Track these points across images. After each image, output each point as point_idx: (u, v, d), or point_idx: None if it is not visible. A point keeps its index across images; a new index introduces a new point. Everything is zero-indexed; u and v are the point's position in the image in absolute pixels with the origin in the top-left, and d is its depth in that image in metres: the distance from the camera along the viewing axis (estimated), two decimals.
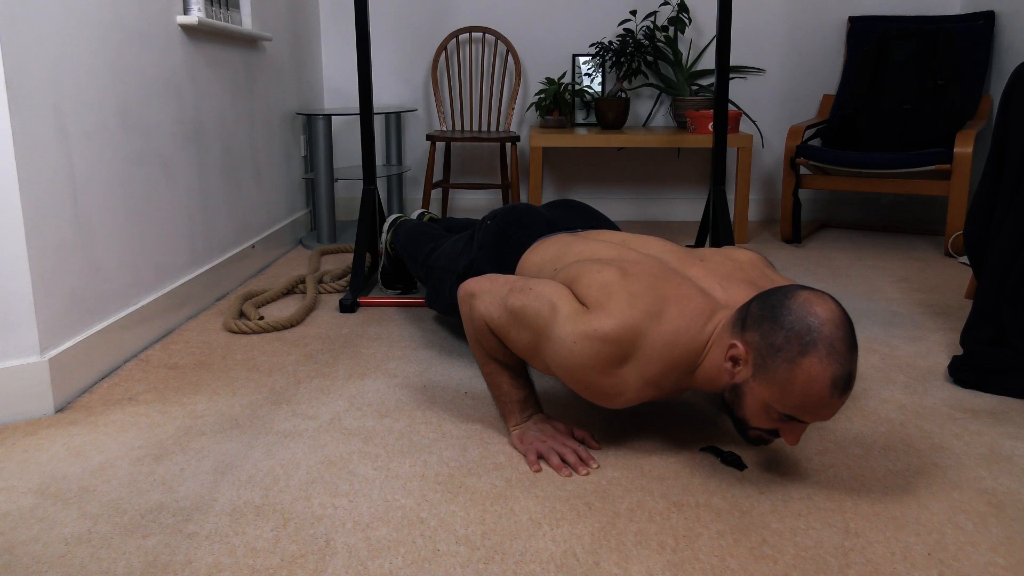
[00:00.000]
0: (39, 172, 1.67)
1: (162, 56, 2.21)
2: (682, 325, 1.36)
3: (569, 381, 1.41)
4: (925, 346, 2.08)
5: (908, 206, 3.95)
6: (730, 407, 1.34)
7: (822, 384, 1.21)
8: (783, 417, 1.27)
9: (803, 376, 1.21)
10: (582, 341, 1.35)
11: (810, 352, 1.21)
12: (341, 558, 1.18)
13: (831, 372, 1.20)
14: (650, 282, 1.41)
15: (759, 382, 1.27)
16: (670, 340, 1.35)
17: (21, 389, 1.65)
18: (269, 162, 3.12)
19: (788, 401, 1.24)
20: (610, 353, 1.35)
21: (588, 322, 1.36)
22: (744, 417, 1.32)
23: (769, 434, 1.33)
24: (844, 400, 1.24)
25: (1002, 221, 1.83)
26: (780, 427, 1.30)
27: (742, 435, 1.36)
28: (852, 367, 1.22)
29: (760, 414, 1.30)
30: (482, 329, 1.51)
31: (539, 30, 3.91)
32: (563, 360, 1.38)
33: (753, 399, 1.29)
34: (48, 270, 1.70)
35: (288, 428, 1.62)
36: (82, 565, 1.16)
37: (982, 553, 1.18)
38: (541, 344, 1.42)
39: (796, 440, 1.30)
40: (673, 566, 1.15)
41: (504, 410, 1.55)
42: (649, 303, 1.37)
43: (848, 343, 1.22)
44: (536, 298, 1.44)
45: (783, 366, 1.23)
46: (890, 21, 3.66)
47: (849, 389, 1.23)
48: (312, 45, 3.80)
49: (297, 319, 2.29)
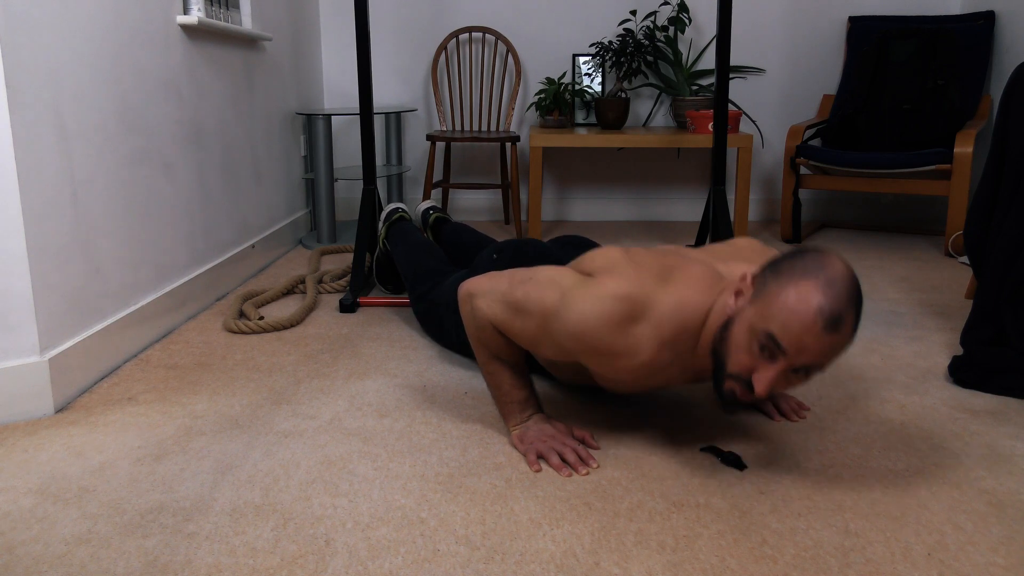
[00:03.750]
0: (39, 172, 1.67)
1: (162, 56, 2.21)
2: (688, 290, 1.35)
3: (583, 351, 1.37)
4: (925, 346, 2.08)
5: (908, 206, 3.94)
6: (716, 348, 1.30)
7: (809, 307, 1.17)
8: (763, 345, 1.22)
9: (794, 294, 1.19)
10: (592, 302, 1.34)
11: (809, 278, 1.19)
12: (341, 558, 1.18)
13: (821, 300, 1.17)
14: (655, 257, 1.42)
15: (752, 305, 1.24)
16: (679, 301, 1.34)
17: (21, 389, 1.65)
18: (269, 162, 3.12)
19: (772, 316, 1.20)
20: (622, 311, 1.33)
21: (596, 285, 1.36)
22: (725, 354, 1.28)
23: (744, 386, 1.26)
24: (829, 341, 1.18)
25: (1002, 221, 1.83)
26: (757, 366, 1.24)
27: (718, 391, 1.31)
28: (845, 312, 1.18)
29: (742, 344, 1.25)
30: (485, 328, 1.51)
31: (539, 30, 3.91)
32: (574, 328, 1.35)
33: (740, 326, 1.25)
34: (48, 270, 1.70)
35: (288, 428, 1.62)
36: (82, 565, 1.16)
37: (982, 553, 1.18)
38: (549, 324, 1.39)
39: (765, 387, 1.22)
40: (673, 566, 1.15)
41: (504, 410, 1.55)
42: (655, 270, 1.37)
43: (850, 293, 1.19)
44: (537, 284, 1.44)
45: (779, 283, 1.22)
46: (890, 21, 3.66)
47: (836, 330, 1.17)
48: (312, 45, 3.80)
49: (297, 319, 2.29)
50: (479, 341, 1.53)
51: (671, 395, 1.77)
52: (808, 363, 1.21)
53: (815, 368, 1.22)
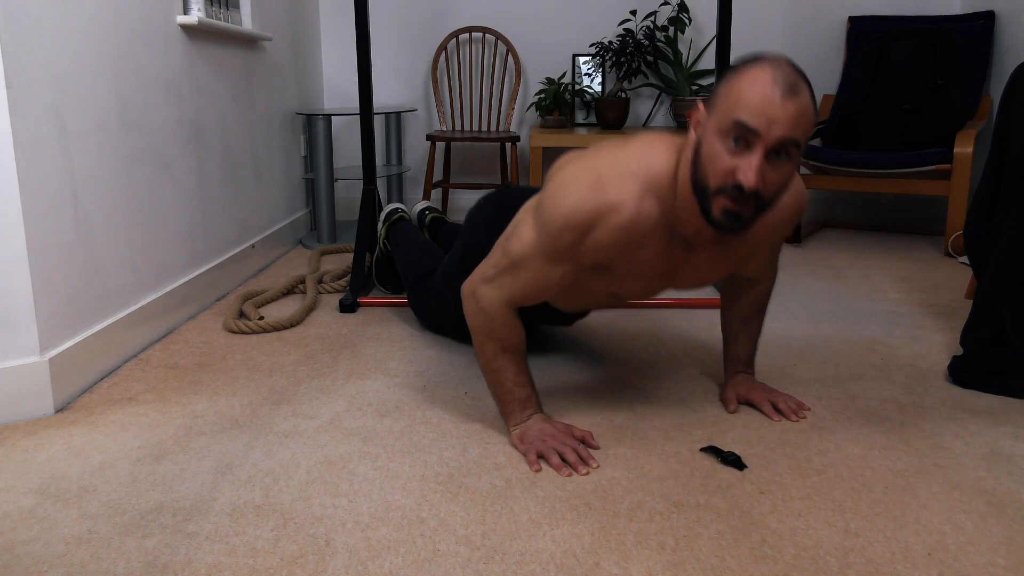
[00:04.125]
0: (39, 172, 1.67)
1: (162, 56, 2.21)
2: (645, 144, 1.40)
3: (580, 241, 1.38)
4: (925, 346, 2.08)
5: (908, 206, 3.94)
6: (696, 179, 1.30)
7: (764, 79, 1.21)
8: (736, 137, 1.23)
9: (746, 78, 1.23)
10: (560, 190, 1.38)
11: (752, 65, 1.25)
12: (341, 558, 1.18)
13: (772, 73, 1.22)
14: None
15: (711, 118, 1.27)
16: (641, 152, 1.38)
17: (21, 389, 1.65)
18: (269, 162, 3.12)
19: (733, 105, 1.23)
20: (589, 177, 1.36)
21: (556, 181, 1.41)
22: (704, 175, 1.27)
23: (733, 192, 1.25)
24: (793, 107, 1.20)
25: (1002, 221, 1.83)
26: (738, 163, 1.24)
27: (708, 214, 1.29)
28: (796, 79, 1.22)
29: (716, 152, 1.25)
30: (495, 315, 1.48)
31: (539, 30, 3.91)
32: (560, 219, 1.36)
33: (708, 140, 1.27)
34: (48, 270, 1.70)
35: (288, 428, 1.62)
36: (82, 565, 1.16)
37: (982, 553, 1.18)
38: (542, 245, 1.41)
39: (754, 174, 1.22)
40: (673, 566, 1.15)
41: (505, 408, 1.55)
42: (607, 147, 1.44)
43: (795, 67, 1.24)
44: (513, 232, 1.47)
45: (727, 82, 1.26)
46: (890, 21, 3.66)
47: (795, 94, 1.20)
48: (312, 45, 3.80)
49: (297, 319, 2.29)
50: (488, 335, 1.51)
51: (671, 395, 1.77)
52: (782, 136, 1.21)
53: (791, 144, 1.22)
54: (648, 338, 2.16)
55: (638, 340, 2.14)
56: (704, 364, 1.96)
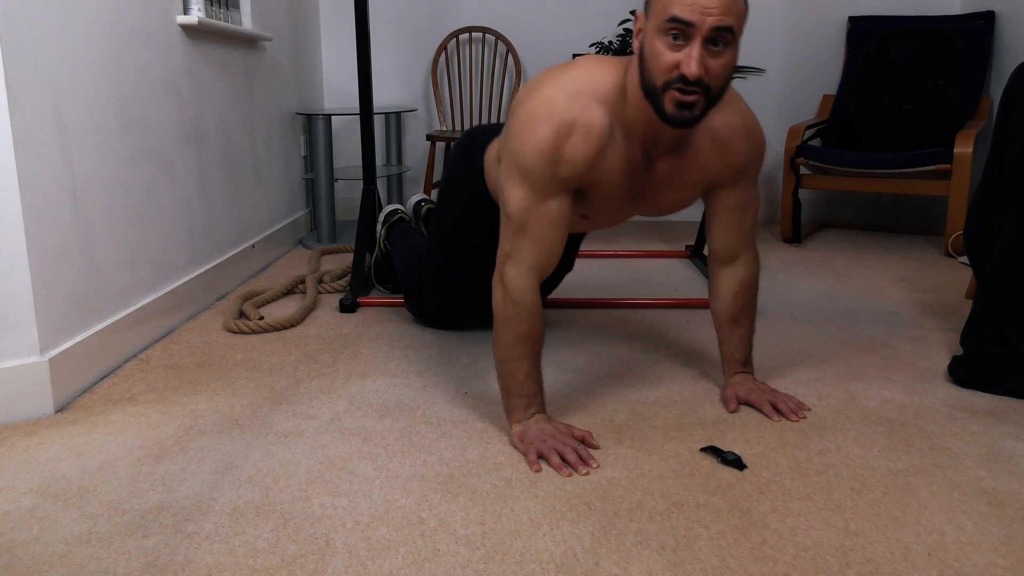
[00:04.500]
0: (39, 172, 1.67)
1: (162, 56, 2.21)
2: (592, 65, 1.49)
3: (557, 164, 1.45)
4: (925, 346, 2.08)
5: (908, 206, 3.94)
6: (644, 81, 1.38)
7: None
8: (673, 33, 1.31)
9: None
10: (523, 126, 1.46)
11: None
12: (341, 558, 1.18)
13: None
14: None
15: (649, 19, 1.36)
16: (588, 71, 1.48)
17: (21, 389, 1.65)
18: (269, 162, 3.12)
19: (664, 4, 1.31)
20: (543, 104, 1.45)
21: (516, 115, 1.49)
22: (651, 74, 1.36)
23: (680, 82, 1.34)
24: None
25: (1002, 221, 1.83)
26: (678, 59, 1.32)
27: (664, 117, 1.38)
28: None
29: (657, 50, 1.34)
30: (523, 296, 1.50)
31: (539, 30, 3.91)
32: (522, 146, 1.45)
33: (650, 40, 1.35)
34: (48, 270, 1.70)
35: (288, 428, 1.62)
36: (82, 565, 1.16)
37: (982, 553, 1.18)
38: (525, 183, 1.47)
39: (695, 63, 1.31)
40: (673, 566, 1.15)
41: (511, 403, 1.55)
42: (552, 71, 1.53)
43: None
44: (505, 196, 1.50)
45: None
46: (890, 21, 3.66)
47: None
48: (312, 45, 3.80)
49: (297, 319, 2.29)
50: (513, 322, 1.51)
51: (671, 395, 1.77)
52: (715, 24, 1.30)
53: (727, 31, 1.31)
54: (648, 338, 2.16)
55: (638, 340, 2.14)
56: (704, 364, 1.96)
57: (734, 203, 1.66)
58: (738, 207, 1.67)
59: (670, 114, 1.37)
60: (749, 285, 1.73)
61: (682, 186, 1.60)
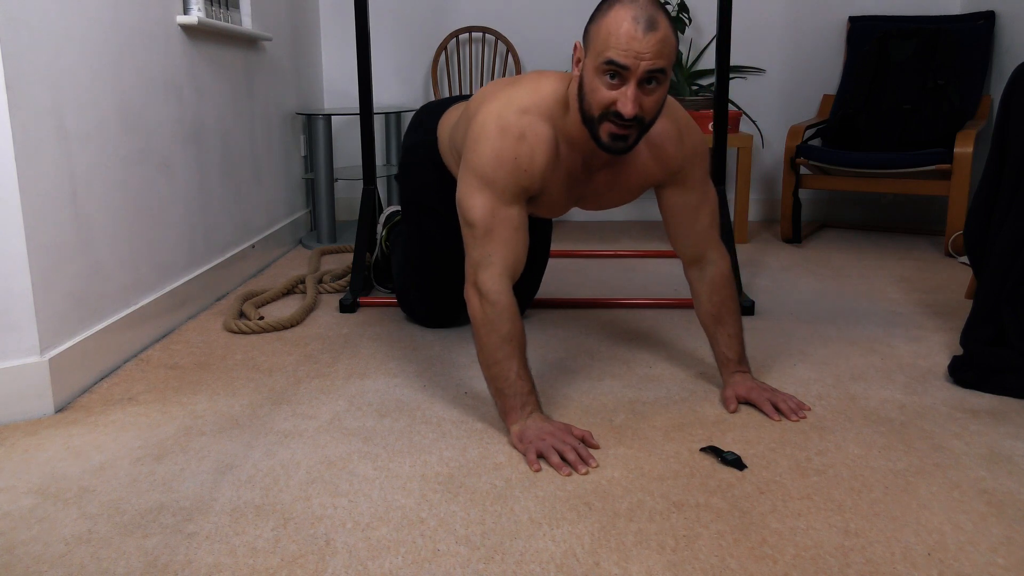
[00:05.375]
0: (39, 172, 1.67)
1: (162, 56, 2.21)
2: (536, 81, 1.60)
3: (514, 172, 1.54)
4: (925, 346, 2.08)
5: (908, 206, 3.94)
6: (583, 110, 1.48)
7: (624, 20, 1.38)
8: (609, 73, 1.40)
9: (609, 21, 1.40)
10: (478, 139, 1.55)
11: (613, 5, 1.41)
12: (341, 558, 1.18)
13: (631, 13, 1.39)
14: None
15: (587, 57, 1.45)
16: (533, 87, 1.58)
17: (21, 389, 1.65)
18: (269, 162, 3.12)
19: (602, 47, 1.40)
20: (495, 119, 1.55)
21: (472, 129, 1.58)
22: (589, 107, 1.46)
23: (615, 117, 1.44)
24: (654, 39, 1.38)
25: (1002, 221, 1.83)
26: (616, 96, 1.42)
27: (597, 139, 1.49)
28: (654, 13, 1.39)
29: (594, 87, 1.44)
30: (499, 299, 1.53)
31: (539, 30, 3.91)
32: (481, 156, 1.54)
33: (588, 76, 1.45)
34: (48, 270, 1.70)
35: (288, 428, 1.62)
36: (82, 565, 1.16)
37: (982, 553, 1.18)
38: (486, 189, 1.54)
39: (630, 103, 1.40)
40: (673, 566, 1.15)
41: (506, 404, 1.55)
42: (506, 84, 1.65)
43: (652, 3, 1.41)
44: (465, 205, 1.57)
45: (595, 24, 1.43)
46: (890, 21, 3.66)
47: (655, 28, 1.38)
48: (312, 45, 3.80)
49: (297, 319, 2.29)
50: (493, 326, 1.53)
51: (671, 395, 1.77)
52: (648, 68, 1.40)
53: (658, 72, 1.41)
54: (648, 338, 2.16)
55: (638, 340, 2.14)
56: (704, 364, 1.96)
57: (684, 203, 1.72)
58: (690, 207, 1.72)
59: (605, 143, 1.49)
60: (722, 283, 1.75)
61: (621, 189, 1.71)
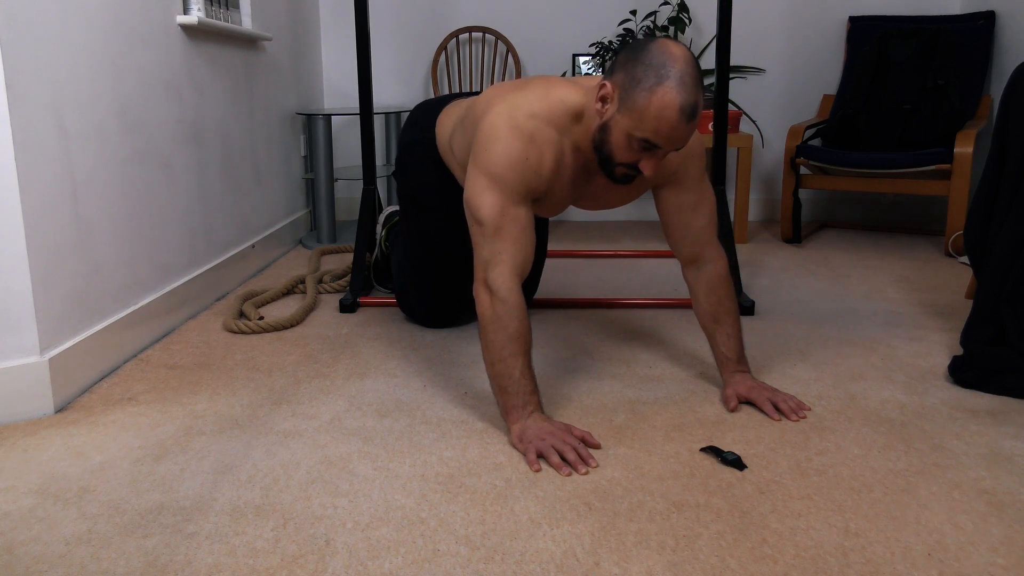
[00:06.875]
0: (39, 172, 1.67)
1: (162, 56, 2.21)
2: (546, 87, 1.62)
3: (523, 174, 1.57)
4: (925, 346, 2.08)
5: (908, 206, 3.94)
6: (600, 147, 1.54)
7: (673, 111, 1.42)
8: (642, 146, 1.48)
9: (657, 103, 1.42)
10: (489, 140, 1.57)
11: (664, 81, 1.42)
12: (341, 558, 1.18)
13: (680, 100, 1.42)
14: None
15: (622, 114, 1.47)
16: (543, 93, 1.60)
17: (21, 389, 1.65)
18: (269, 162, 3.12)
19: (645, 126, 1.45)
20: (506, 120, 1.57)
21: (481, 130, 1.60)
22: (611, 153, 1.52)
23: (632, 168, 1.53)
24: (691, 128, 1.45)
25: (1002, 221, 1.83)
26: (641, 158, 1.50)
27: (609, 173, 1.57)
28: (697, 100, 1.44)
29: (623, 146, 1.50)
30: (508, 296, 1.53)
31: (539, 30, 3.91)
32: (492, 157, 1.56)
33: (618, 132, 1.49)
34: (48, 270, 1.70)
35: (288, 428, 1.62)
36: (82, 565, 1.16)
37: (982, 553, 1.18)
38: (497, 188, 1.55)
39: (653, 170, 1.50)
40: (673, 566, 1.15)
41: (508, 403, 1.54)
42: (515, 87, 1.66)
43: (696, 79, 1.44)
44: (475, 204, 1.58)
45: (642, 95, 1.44)
46: (890, 21, 3.66)
47: (694, 117, 1.44)
48: (312, 45, 3.80)
49: (297, 319, 2.29)
50: (501, 324, 1.52)
51: (671, 395, 1.77)
52: (678, 147, 1.49)
53: (683, 146, 1.51)
54: (648, 338, 2.16)
55: (638, 340, 2.14)
56: (704, 364, 1.96)
57: (681, 203, 1.74)
58: (687, 207, 1.74)
59: (615, 177, 1.57)
60: (719, 282, 1.75)
61: (619, 192, 1.76)
